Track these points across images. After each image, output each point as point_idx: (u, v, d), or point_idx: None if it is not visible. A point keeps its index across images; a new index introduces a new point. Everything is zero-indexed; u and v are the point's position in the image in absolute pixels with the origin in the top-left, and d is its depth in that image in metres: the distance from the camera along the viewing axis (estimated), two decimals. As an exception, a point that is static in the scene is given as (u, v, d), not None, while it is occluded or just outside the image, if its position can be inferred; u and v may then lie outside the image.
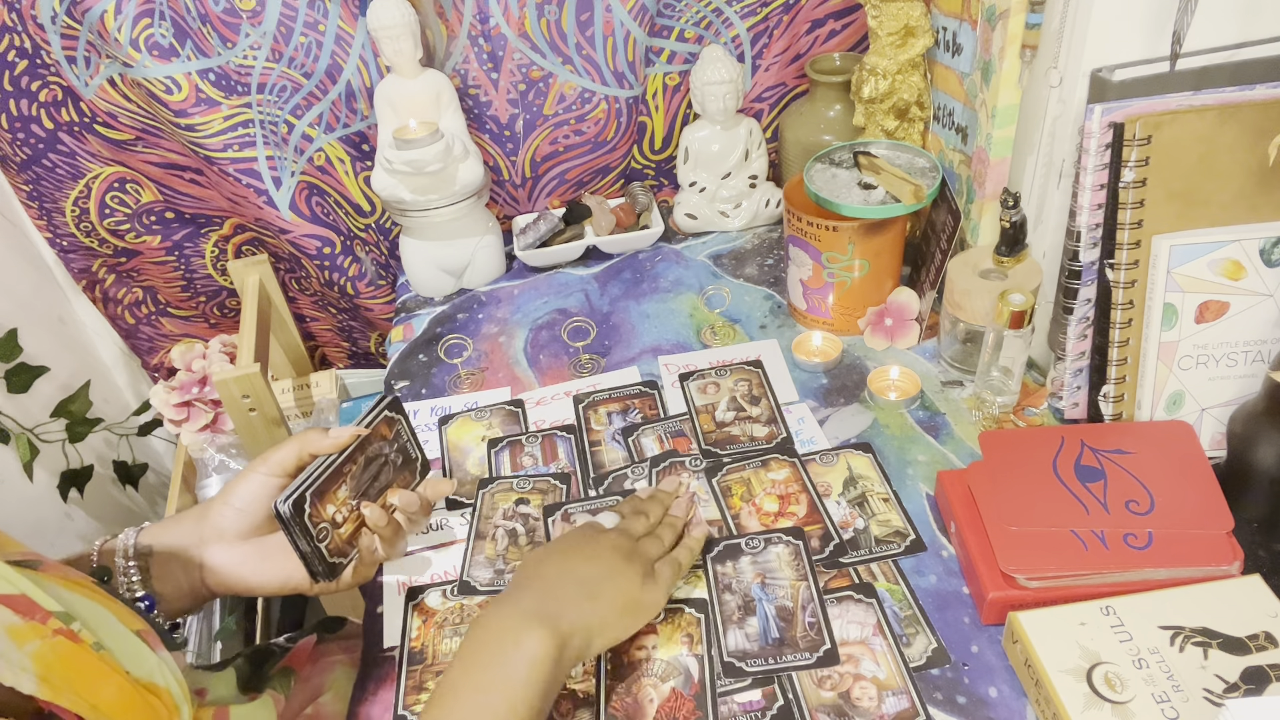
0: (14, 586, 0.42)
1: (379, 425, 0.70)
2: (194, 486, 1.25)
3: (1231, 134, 0.68)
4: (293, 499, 0.61)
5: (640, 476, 0.82)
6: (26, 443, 1.16)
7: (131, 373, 1.41)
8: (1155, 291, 0.72)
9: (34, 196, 1.18)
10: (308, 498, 0.62)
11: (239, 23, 1.05)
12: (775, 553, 0.73)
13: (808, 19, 1.13)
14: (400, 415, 0.72)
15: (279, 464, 0.64)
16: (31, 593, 0.43)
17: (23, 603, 0.42)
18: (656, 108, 1.19)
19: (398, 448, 0.72)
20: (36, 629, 0.41)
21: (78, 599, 0.46)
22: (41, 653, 0.41)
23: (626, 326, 1.04)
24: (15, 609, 0.41)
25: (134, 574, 0.60)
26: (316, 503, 0.63)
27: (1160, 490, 0.68)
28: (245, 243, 1.29)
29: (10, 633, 0.40)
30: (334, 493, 0.65)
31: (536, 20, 1.07)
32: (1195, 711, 0.55)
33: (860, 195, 0.90)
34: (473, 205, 1.08)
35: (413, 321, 1.11)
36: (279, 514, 0.61)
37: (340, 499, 0.66)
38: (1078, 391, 0.80)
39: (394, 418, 0.71)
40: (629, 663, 0.66)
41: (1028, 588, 0.65)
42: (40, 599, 0.43)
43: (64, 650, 0.42)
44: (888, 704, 0.62)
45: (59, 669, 0.41)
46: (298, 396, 1.30)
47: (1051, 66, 0.74)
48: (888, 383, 0.90)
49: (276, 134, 1.12)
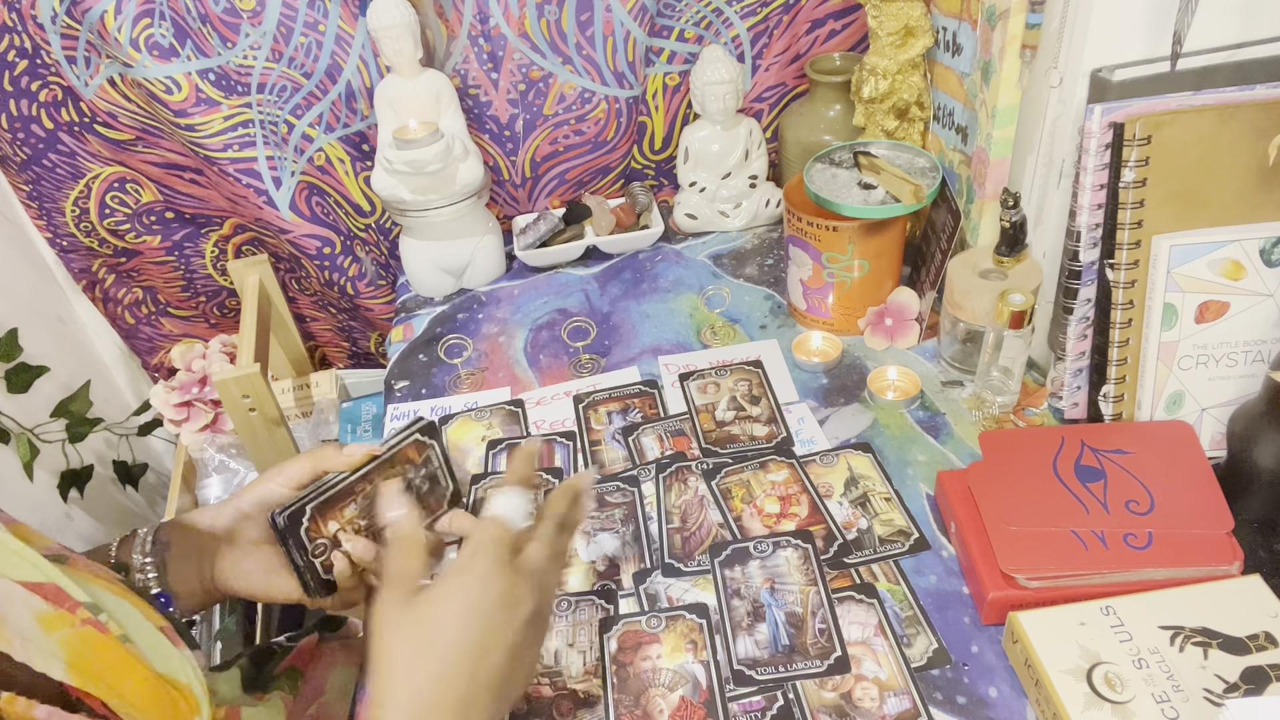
0: (45, 575, 0.43)
1: (406, 448, 0.64)
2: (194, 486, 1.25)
3: (1231, 134, 0.68)
4: (289, 511, 0.59)
5: (647, 478, 0.82)
6: (26, 443, 1.16)
7: (131, 373, 1.40)
8: (1155, 291, 0.72)
9: (34, 196, 1.18)
10: (307, 511, 0.60)
11: (239, 23, 1.05)
12: (784, 556, 0.73)
13: (808, 19, 1.13)
14: (434, 440, 0.66)
15: (293, 476, 0.62)
16: (61, 582, 0.43)
17: (53, 591, 0.43)
18: (656, 108, 1.19)
19: (425, 474, 0.66)
20: (66, 617, 0.42)
21: (104, 593, 0.46)
22: (70, 640, 0.41)
23: (626, 326, 1.04)
24: (46, 597, 0.42)
25: (150, 570, 0.59)
26: (318, 518, 0.60)
27: (1160, 490, 0.68)
28: (245, 243, 1.29)
29: (40, 620, 0.41)
30: (339, 510, 0.62)
31: (536, 20, 1.07)
32: (1195, 711, 0.56)
33: (860, 195, 0.90)
34: (473, 205, 1.08)
35: (413, 321, 1.11)
36: (273, 524, 0.58)
37: (346, 517, 0.62)
38: (1078, 391, 0.80)
39: (426, 442, 0.65)
40: (635, 674, 0.66)
41: (1028, 588, 0.65)
42: (70, 589, 0.43)
43: (92, 639, 0.43)
44: (889, 704, 0.62)
45: (87, 657, 0.42)
46: (298, 396, 1.30)
47: (1051, 66, 0.74)
48: (887, 383, 0.90)
49: (276, 134, 1.12)
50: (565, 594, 0.73)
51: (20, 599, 0.41)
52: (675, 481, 0.81)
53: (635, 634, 0.69)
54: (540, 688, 0.66)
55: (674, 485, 0.81)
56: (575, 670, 0.67)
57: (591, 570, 0.75)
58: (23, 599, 0.41)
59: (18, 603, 0.41)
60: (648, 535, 0.77)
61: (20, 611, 0.40)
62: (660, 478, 0.82)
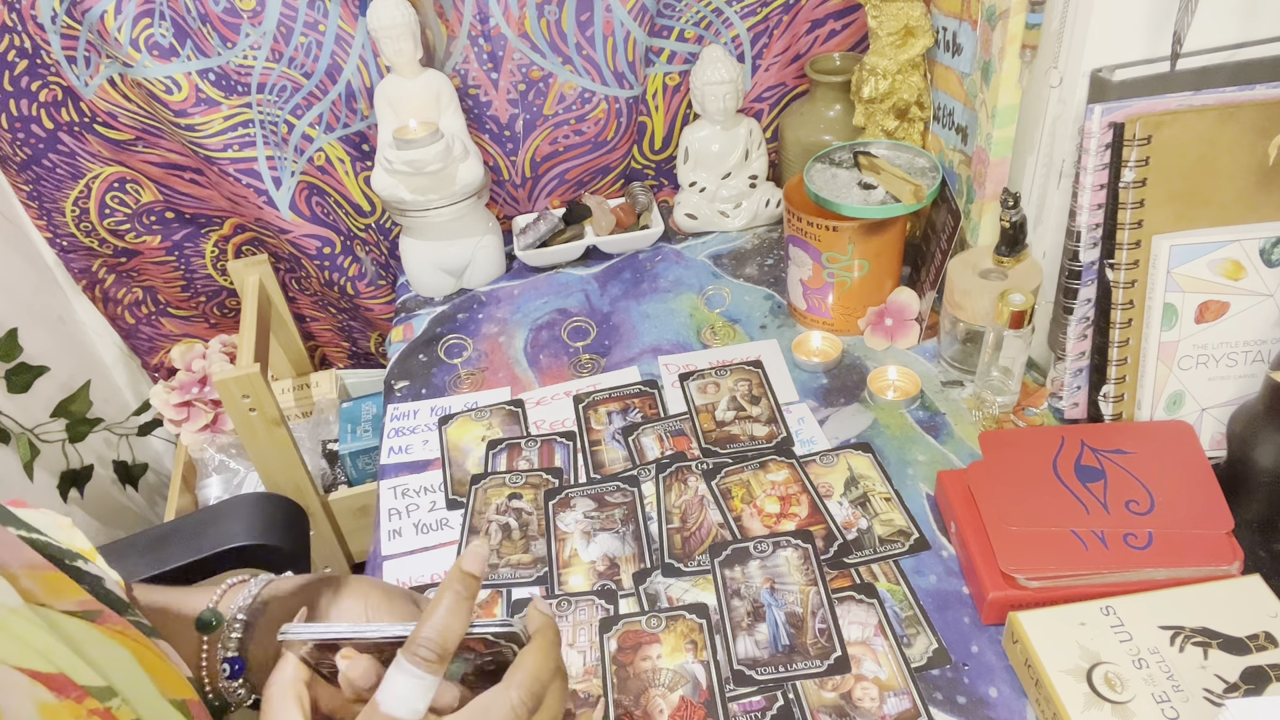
0: (51, 664, 0.41)
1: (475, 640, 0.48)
2: (194, 486, 1.25)
3: (1231, 134, 0.68)
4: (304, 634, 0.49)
5: (647, 478, 0.82)
6: (27, 443, 1.16)
7: (131, 373, 1.41)
8: (1155, 291, 0.72)
9: (34, 196, 1.18)
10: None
11: (239, 23, 1.05)
12: (784, 556, 0.73)
13: (808, 19, 1.13)
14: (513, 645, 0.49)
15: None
16: (70, 669, 0.41)
17: (59, 681, 0.41)
18: (656, 108, 1.19)
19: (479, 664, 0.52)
20: (71, 709, 0.40)
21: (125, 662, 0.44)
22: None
23: (626, 326, 1.04)
24: (51, 687, 0.40)
25: (237, 629, 0.53)
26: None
27: (1160, 490, 0.68)
28: (245, 243, 1.29)
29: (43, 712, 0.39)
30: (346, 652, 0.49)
31: (536, 20, 1.07)
32: (1195, 711, 0.56)
33: (860, 195, 0.90)
34: (473, 205, 1.08)
35: (413, 321, 1.11)
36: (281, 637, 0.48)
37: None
38: (1078, 391, 0.80)
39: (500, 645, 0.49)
40: (635, 675, 0.66)
41: (1028, 588, 0.65)
42: (78, 673, 0.41)
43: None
44: (889, 704, 0.62)
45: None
46: (298, 396, 1.30)
47: (1051, 66, 0.74)
48: (887, 383, 0.90)
49: (276, 134, 1.12)
50: (565, 594, 0.73)
51: (23, 689, 0.39)
52: (675, 481, 0.82)
53: (635, 634, 0.69)
54: (540, 688, 0.66)
55: (674, 485, 0.81)
56: (575, 670, 0.67)
57: (591, 570, 0.75)
58: (25, 689, 0.39)
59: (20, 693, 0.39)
60: (648, 535, 0.77)
61: (22, 702, 0.38)
62: (660, 478, 0.82)
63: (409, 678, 0.43)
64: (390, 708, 0.42)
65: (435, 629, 0.43)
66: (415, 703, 0.43)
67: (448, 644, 0.43)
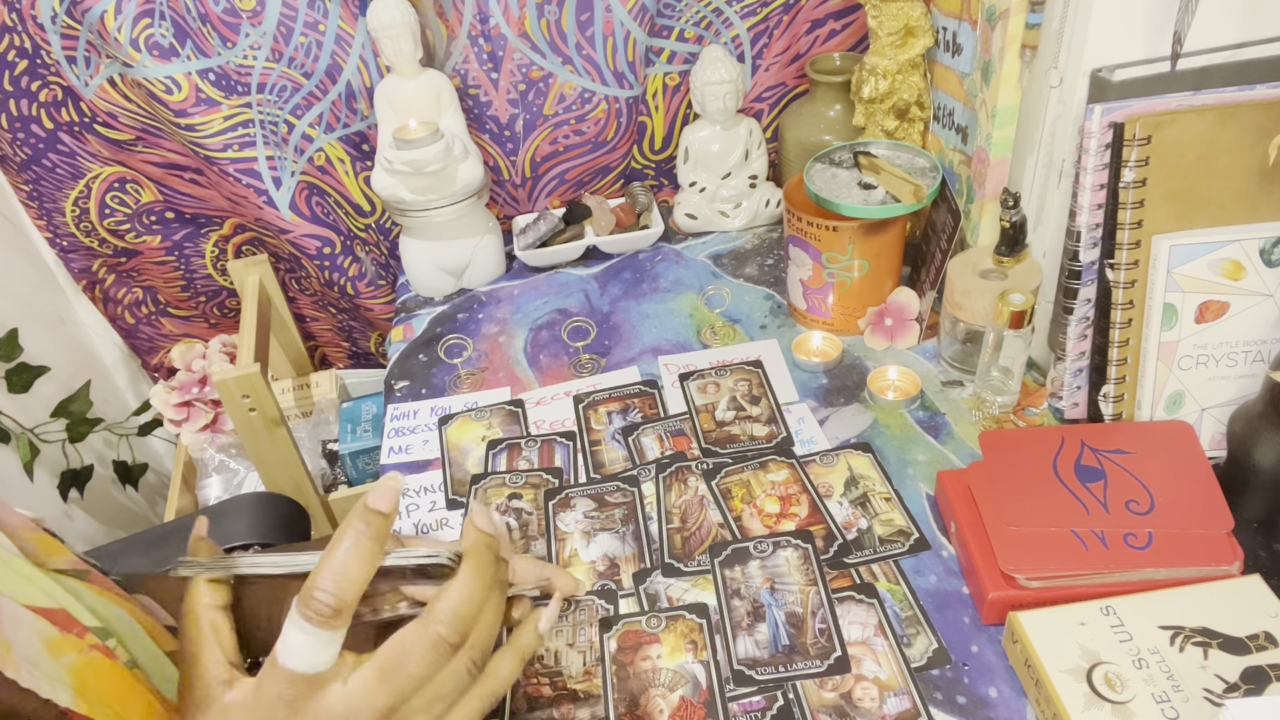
0: (54, 600, 0.43)
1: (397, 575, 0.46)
2: (194, 486, 1.25)
3: (1231, 134, 0.68)
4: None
5: (647, 478, 0.82)
6: (27, 443, 1.16)
7: (131, 373, 1.41)
8: (1155, 291, 0.72)
9: (34, 196, 1.18)
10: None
11: (239, 23, 1.05)
12: (784, 556, 0.73)
13: (808, 19, 1.13)
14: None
15: None
16: (70, 607, 0.43)
17: (61, 616, 0.42)
18: (656, 108, 1.19)
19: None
20: (73, 642, 0.42)
21: (117, 614, 0.46)
22: (77, 666, 0.41)
23: (626, 326, 1.04)
24: (54, 621, 0.42)
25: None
26: None
27: (1160, 490, 0.68)
28: (245, 243, 1.29)
29: (47, 645, 0.41)
30: None
31: (536, 20, 1.07)
32: (1195, 711, 0.56)
33: (860, 195, 0.90)
34: (473, 205, 1.08)
35: (413, 321, 1.11)
36: None
37: None
38: (1078, 391, 0.80)
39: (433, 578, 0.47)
40: (634, 674, 0.66)
41: (1028, 588, 0.65)
42: (79, 613, 0.43)
43: (99, 665, 0.42)
44: (889, 704, 0.62)
45: (93, 683, 0.41)
46: (298, 396, 1.31)
47: (1051, 66, 0.74)
48: (887, 383, 0.90)
49: (276, 134, 1.12)
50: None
51: (28, 623, 0.41)
52: (675, 481, 0.82)
53: (635, 634, 0.69)
54: (540, 687, 0.66)
55: (674, 485, 0.81)
56: (575, 670, 0.67)
57: (591, 570, 0.75)
58: (30, 623, 0.41)
59: (25, 627, 0.40)
60: (648, 535, 0.77)
61: (28, 636, 0.40)
62: (660, 478, 0.82)
63: (303, 634, 0.38)
64: (288, 661, 0.39)
65: (331, 576, 0.38)
66: (315, 656, 0.39)
67: (346, 593, 0.39)
